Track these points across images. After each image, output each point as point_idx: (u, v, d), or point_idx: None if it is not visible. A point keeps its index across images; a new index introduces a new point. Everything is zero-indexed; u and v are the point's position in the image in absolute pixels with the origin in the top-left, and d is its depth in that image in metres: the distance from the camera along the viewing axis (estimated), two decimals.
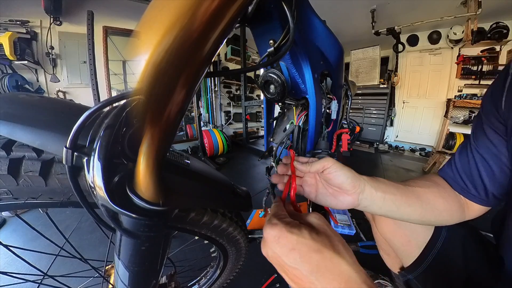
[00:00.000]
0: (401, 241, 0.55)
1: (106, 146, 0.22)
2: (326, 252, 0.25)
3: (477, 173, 0.43)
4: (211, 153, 2.92)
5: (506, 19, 2.80)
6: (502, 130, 0.40)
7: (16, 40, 1.94)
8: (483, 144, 0.42)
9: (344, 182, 0.37)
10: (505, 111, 0.39)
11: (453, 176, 0.47)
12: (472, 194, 0.44)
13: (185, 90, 0.17)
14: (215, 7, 0.14)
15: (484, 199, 0.44)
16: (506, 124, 0.39)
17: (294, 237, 0.26)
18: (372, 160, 3.27)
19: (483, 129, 0.43)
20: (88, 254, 0.55)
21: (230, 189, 0.42)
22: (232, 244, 0.54)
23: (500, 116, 0.40)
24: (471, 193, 0.44)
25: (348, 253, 0.26)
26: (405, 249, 0.56)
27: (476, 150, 0.43)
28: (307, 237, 0.26)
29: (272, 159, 0.71)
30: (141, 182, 0.22)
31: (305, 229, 0.27)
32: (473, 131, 0.46)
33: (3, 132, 0.25)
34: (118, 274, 0.35)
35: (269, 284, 0.96)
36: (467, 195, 0.45)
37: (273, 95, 0.59)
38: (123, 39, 2.71)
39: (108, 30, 2.60)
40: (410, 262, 0.56)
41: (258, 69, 0.47)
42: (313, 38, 0.58)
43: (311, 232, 0.26)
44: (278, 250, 0.26)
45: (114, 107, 0.26)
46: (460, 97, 3.19)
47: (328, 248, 0.25)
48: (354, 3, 2.87)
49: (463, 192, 0.45)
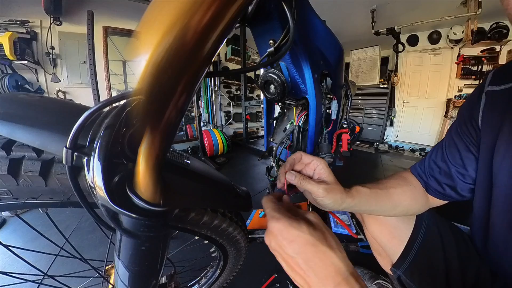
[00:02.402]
0: (387, 237, 0.59)
1: (106, 146, 0.22)
2: (321, 246, 0.29)
3: (447, 173, 0.49)
4: (211, 153, 2.92)
5: (506, 19, 2.79)
6: (474, 147, 0.46)
7: (16, 40, 1.94)
8: (454, 159, 0.48)
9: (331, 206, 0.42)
10: (480, 131, 0.44)
11: (421, 172, 0.54)
12: (431, 191, 0.52)
13: (185, 90, 0.17)
14: (215, 7, 0.14)
15: (443, 194, 0.51)
16: (479, 143, 0.44)
17: (294, 231, 0.29)
18: (372, 160, 3.27)
19: (456, 146, 0.48)
20: (88, 254, 0.55)
21: (230, 189, 0.42)
22: (232, 244, 0.54)
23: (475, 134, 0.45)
24: (431, 189, 0.52)
25: (339, 249, 0.30)
26: (391, 245, 0.59)
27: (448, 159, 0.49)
28: (305, 232, 0.29)
29: (272, 159, 0.71)
30: (141, 182, 0.22)
31: (304, 224, 0.30)
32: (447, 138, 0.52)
33: (3, 132, 0.25)
34: (118, 274, 0.35)
35: (269, 284, 0.96)
36: (428, 191, 0.53)
37: (273, 95, 0.59)
38: (123, 39, 2.71)
39: (108, 30, 2.60)
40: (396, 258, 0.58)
41: (258, 69, 0.47)
42: (313, 38, 0.58)
43: (309, 227, 0.30)
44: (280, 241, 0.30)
45: (114, 107, 0.26)
46: (460, 97, 3.20)
47: (322, 243, 0.29)
48: (354, 3, 2.88)
49: (426, 188, 0.53)
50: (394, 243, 0.58)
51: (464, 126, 0.47)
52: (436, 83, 3.66)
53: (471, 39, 2.82)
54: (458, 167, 0.48)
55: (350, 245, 1.20)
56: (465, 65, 3.22)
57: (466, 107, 0.49)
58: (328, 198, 0.40)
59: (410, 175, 0.56)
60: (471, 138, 0.46)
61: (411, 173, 0.57)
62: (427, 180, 0.53)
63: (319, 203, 0.42)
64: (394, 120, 4.13)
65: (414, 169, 0.57)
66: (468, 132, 0.46)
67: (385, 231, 0.59)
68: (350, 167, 2.69)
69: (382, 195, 0.48)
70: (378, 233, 0.60)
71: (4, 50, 1.88)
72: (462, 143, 0.47)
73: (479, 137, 0.44)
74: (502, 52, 2.94)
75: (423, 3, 2.74)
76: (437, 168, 0.51)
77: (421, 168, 0.55)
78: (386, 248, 0.61)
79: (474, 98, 0.47)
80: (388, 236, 0.59)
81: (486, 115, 0.43)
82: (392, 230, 0.58)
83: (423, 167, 0.54)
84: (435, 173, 0.51)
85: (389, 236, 0.58)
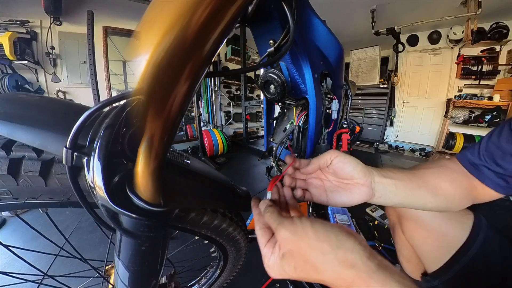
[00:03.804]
0: (431, 247, 0.53)
1: (106, 146, 0.22)
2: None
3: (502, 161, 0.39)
4: (211, 153, 2.92)
5: (506, 19, 2.80)
6: None
7: (16, 40, 1.94)
8: None
9: (354, 170, 0.36)
10: None
11: (471, 157, 0.43)
12: (484, 175, 0.41)
13: (185, 90, 0.17)
14: (215, 7, 0.14)
15: (498, 184, 0.40)
16: None
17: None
18: (372, 160, 3.28)
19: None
20: (88, 254, 0.55)
21: (230, 189, 0.42)
22: (232, 244, 0.54)
23: None
24: (484, 174, 0.41)
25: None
26: (435, 255, 0.53)
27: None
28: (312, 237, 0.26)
29: (272, 159, 0.71)
30: (140, 182, 0.22)
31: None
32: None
33: (3, 132, 0.25)
34: (118, 274, 0.35)
35: (269, 284, 0.96)
36: (485, 181, 0.41)
37: (273, 95, 0.59)
38: (123, 39, 2.71)
39: (108, 30, 2.60)
40: (436, 267, 0.53)
41: (258, 69, 0.47)
42: (313, 38, 0.58)
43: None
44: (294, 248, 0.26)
45: (114, 107, 0.26)
46: (460, 97, 3.19)
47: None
48: (354, 3, 2.87)
49: (480, 177, 0.41)
50: (440, 252, 0.52)
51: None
52: (436, 83, 3.66)
53: (471, 39, 2.82)
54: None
55: None
56: (465, 65, 3.22)
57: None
58: (345, 157, 0.35)
59: (450, 162, 0.45)
60: None
61: (455, 161, 0.45)
62: (485, 165, 0.41)
63: (344, 172, 0.36)
64: (394, 120, 4.13)
65: (461, 155, 0.45)
66: None
67: (430, 238, 0.52)
68: None
69: (415, 175, 0.40)
70: (421, 240, 0.54)
71: (4, 50, 1.88)
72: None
73: None
74: (502, 52, 2.94)
75: (423, 3, 2.74)
76: (499, 151, 0.39)
77: (472, 154, 0.43)
78: (427, 257, 0.55)
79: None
80: (435, 245, 0.52)
81: None
82: (441, 239, 0.51)
83: (477, 152, 0.42)
84: (496, 157, 0.40)
85: (436, 244, 0.52)
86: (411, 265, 0.62)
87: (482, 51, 3.09)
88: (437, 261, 0.52)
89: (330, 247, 0.24)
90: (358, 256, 0.24)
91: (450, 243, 0.51)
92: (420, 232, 0.54)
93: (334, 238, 0.25)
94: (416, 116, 3.95)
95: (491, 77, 3.05)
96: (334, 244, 0.25)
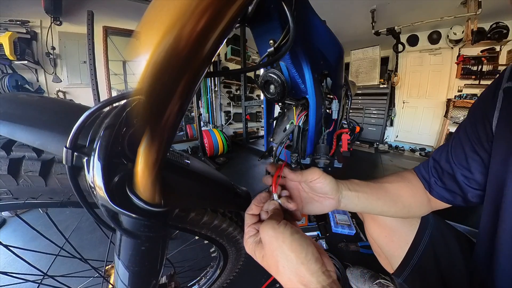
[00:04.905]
0: (385, 240, 0.58)
1: (106, 146, 0.22)
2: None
3: (451, 176, 0.46)
4: (211, 153, 2.92)
5: (506, 19, 2.80)
6: (482, 150, 0.42)
7: (16, 40, 1.94)
8: (458, 160, 0.45)
9: (330, 190, 0.41)
10: (495, 134, 0.39)
11: (425, 173, 0.51)
12: (433, 189, 0.49)
13: (185, 90, 0.17)
14: (215, 7, 0.14)
15: (444, 197, 0.48)
16: (489, 147, 0.41)
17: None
18: (372, 160, 3.27)
19: (463, 148, 0.45)
20: (88, 254, 0.55)
21: (230, 189, 0.42)
22: (232, 244, 0.54)
23: (486, 137, 0.41)
24: (432, 188, 0.49)
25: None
26: (389, 249, 0.58)
27: (452, 160, 0.46)
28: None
29: (272, 159, 0.71)
30: (140, 182, 0.22)
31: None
32: (453, 139, 0.48)
33: (3, 132, 0.25)
34: (118, 274, 0.35)
35: (269, 284, 0.96)
36: (432, 193, 0.50)
37: (273, 95, 0.59)
38: (123, 39, 2.71)
39: (108, 30, 2.60)
40: (397, 265, 0.56)
41: (258, 69, 0.47)
42: (313, 38, 0.58)
43: None
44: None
45: (114, 107, 0.26)
46: (460, 97, 3.20)
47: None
48: (354, 3, 2.87)
49: (429, 189, 0.50)
50: (392, 246, 0.56)
51: (474, 127, 0.43)
52: (436, 83, 3.66)
53: (471, 39, 2.82)
54: (462, 170, 0.44)
55: (350, 245, 1.20)
56: (465, 65, 3.22)
57: (479, 106, 0.44)
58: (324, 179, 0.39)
59: (410, 174, 0.53)
60: (480, 141, 0.42)
61: (414, 173, 0.54)
62: (430, 181, 0.49)
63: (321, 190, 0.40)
64: (394, 120, 4.13)
65: (418, 169, 0.54)
66: (477, 134, 0.42)
67: (383, 233, 0.57)
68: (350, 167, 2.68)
69: (377, 188, 0.47)
70: (376, 234, 0.59)
71: (4, 50, 1.88)
72: (469, 144, 0.43)
73: (490, 140, 0.40)
74: (502, 52, 2.94)
75: (423, 3, 2.74)
76: (440, 169, 0.48)
77: (424, 169, 0.51)
78: (384, 250, 0.59)
79: (488, 96, 0.41)
80: (386, 239, 0.57)
81: (505, 116, 0.37)
82: (391, 233, 0.56)
83: (427, 168, 0.51)
84: (438, 174, 0.48)
85: (387, 239, 0.57)
86: (382, 259, 0.66)
87: (482, 51, 3.09)
88: (395, 256, 0.57)
89: (295, 259, 0.27)
90: (316, 281, 0.26)
91: (400, 238, 0.56)
92: (375, 227, 0.59)
93: (304, 254, 0.27)
94: (416, 116, 3.95)
95: (491, 77, 3.04)
96: (300, 259, 0.27)
